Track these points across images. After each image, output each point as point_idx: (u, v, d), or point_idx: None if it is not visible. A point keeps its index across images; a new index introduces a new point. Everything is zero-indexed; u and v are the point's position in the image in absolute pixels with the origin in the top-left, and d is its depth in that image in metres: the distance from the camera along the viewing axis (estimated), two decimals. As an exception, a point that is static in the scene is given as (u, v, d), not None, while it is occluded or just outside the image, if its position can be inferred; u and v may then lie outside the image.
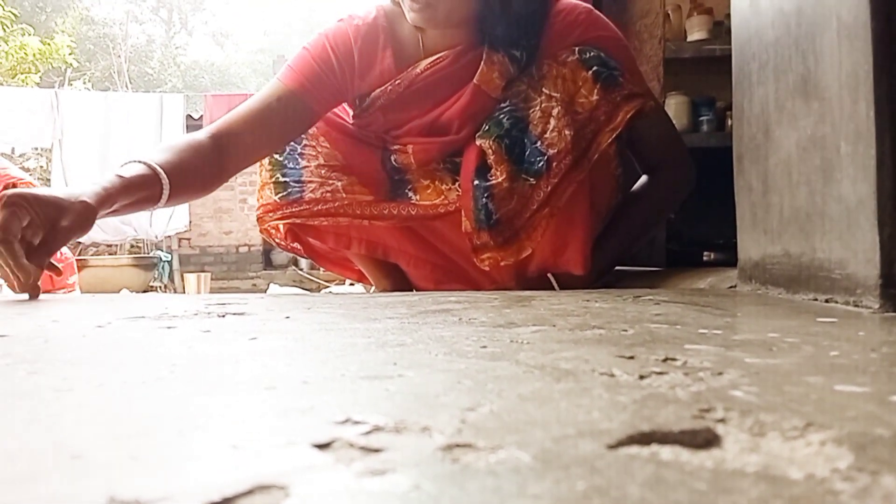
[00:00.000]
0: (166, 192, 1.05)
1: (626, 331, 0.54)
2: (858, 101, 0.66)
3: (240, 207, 7.93)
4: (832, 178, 0.71)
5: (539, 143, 1.12)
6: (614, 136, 1.12)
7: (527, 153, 1.13)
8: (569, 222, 1.15)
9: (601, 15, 1.23)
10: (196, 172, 1.13)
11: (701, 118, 2.42)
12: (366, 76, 1.23)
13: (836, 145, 0.70)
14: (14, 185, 2.33)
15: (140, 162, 1.05)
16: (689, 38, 2.44)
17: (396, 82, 1.22)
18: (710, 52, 2.33)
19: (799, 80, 0.78)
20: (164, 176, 1.04)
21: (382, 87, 1.22)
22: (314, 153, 1.26)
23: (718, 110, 2.43)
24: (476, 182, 1.15)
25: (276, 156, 1.27)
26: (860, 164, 0.65)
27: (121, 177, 1.01)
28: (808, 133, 0.76)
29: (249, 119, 1.18)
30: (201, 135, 1.17)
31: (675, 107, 2.36)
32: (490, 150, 1.14)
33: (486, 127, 1.17)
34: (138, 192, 1.03)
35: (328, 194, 1.24)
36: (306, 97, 1.20)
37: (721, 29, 2.37)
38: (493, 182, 1.13)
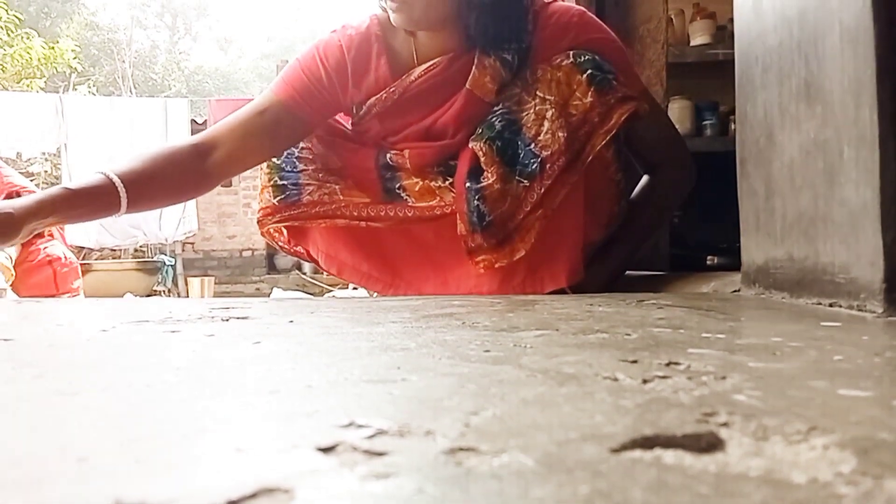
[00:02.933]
0: (124, 200, 1.10)
1: (629, 335, 0.54)
2: (861, 105, 0.66)
3: (243, 212, 7.93)
4: (836, 183, 0.71)
5: (533, 145, 1.13)
6: (608, 138, 1.12)
7: (521, 155, 1.13)
8: (560, 229, 1.15)
9: (594, 17, 1.24)
10: (169, 179, 1.18)
11: (704, 122, 2.42)
12: (361, 84, 1.24)
13: (839, 149, 0.70)
14: (17, 193, 2.32)
15: (100, 172, 1.11)
16: (692, 43, 2.44)
17: (391, 90, 1.23)
18: (713, 57, 2.32)
19: (802, 84, 0.78)
20: (121, 185, 1.10)
21: (378, 95, 1.23)
22: (311, 156, 1.28)
23: (721, 115, 2.43)
24: (468, 184, 1.15)
25: (275, 159, 1.28)
26: (863, 168, 0.65)
27: (66, 188, 1.09)
28: (812, 137, 0.76)
29: (236, 128, 1.22)
30: (183, 142, 1.23)
31: (678, 111, 2.36)
32: (481, 153, 1.15)
33: (479, 130, 1.17)
34: (89, 201, 1.09)
35: (325, 196, 1.25)
36: (297, 109, 1.22)
37: (724, 33, 2.37)
38: (485, 184, 1.14)
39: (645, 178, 1.30)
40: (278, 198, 1.27)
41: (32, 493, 0.22)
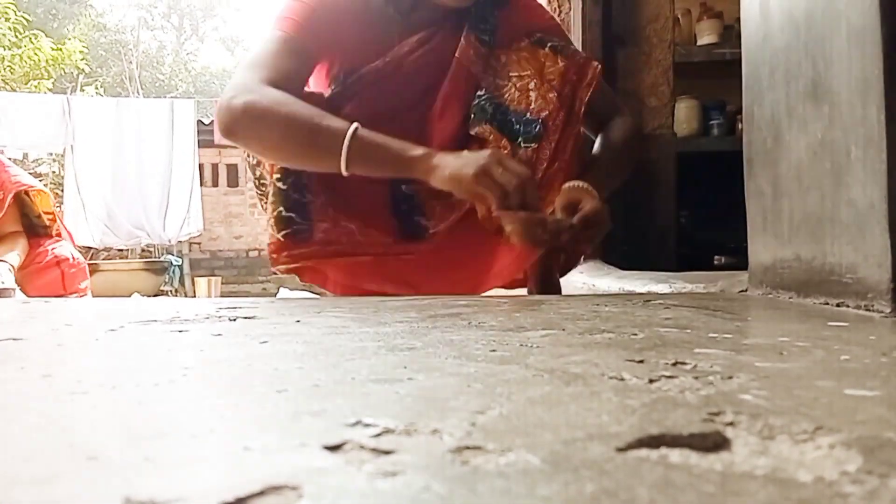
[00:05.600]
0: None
1: (635, 335, 0.54)
2: (868, 105, 0.65)
3: (250, 212, 7.95)
4: (843, 183, 0.70)
5: (528, 114, 1.18)
6: (591, 90, 1.20)
7: (520, 127, 1.18)
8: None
9: (538, 2, 1.37)
10: None
11: (711, 122, 2.42)
12: (346, 37, 1.20)
13: (846, 150, 0.70)
14: (26, 193, 2.33)
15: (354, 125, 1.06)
16: (699, 43, 2.44)
17: (387, 59, 1.20)
18: (721, 56, 2.32)
19: (809, 84, 0.78)
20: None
21: (374, 63, 1.19)
22: (320, 187, 1.19)
23: (729, 114, 2.42)
24: None
25: (279, 184, 1.18)
26: (871, 168, 0.65)
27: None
28: (819, 137, 0.76)
29: (291, 76, 1.14)
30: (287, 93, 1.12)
31: (685, 111, 2.35)
32: (487, 132, 1.18)
33: (472, 115, 1.21)
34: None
35: (344, 237, 1.19)
36: (308, 41, 1.16)
37: (731, 32, 2.37)
38: None
39: (600, 135, 1.34)
40: (283, 232, 1.18)
41: (42, 491, 0.22)
